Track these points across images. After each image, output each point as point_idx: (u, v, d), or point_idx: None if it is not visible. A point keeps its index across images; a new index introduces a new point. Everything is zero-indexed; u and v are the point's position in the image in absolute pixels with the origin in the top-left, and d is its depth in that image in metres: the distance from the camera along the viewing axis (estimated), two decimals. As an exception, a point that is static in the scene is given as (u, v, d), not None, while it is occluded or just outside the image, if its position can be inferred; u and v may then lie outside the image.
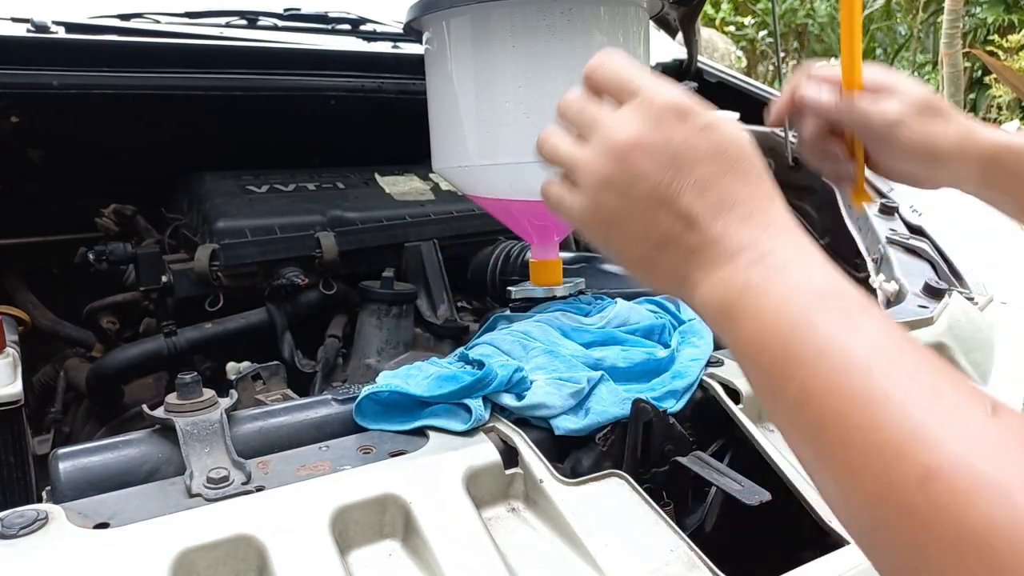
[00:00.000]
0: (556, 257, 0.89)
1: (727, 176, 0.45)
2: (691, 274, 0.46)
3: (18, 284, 1.15)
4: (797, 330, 0.39)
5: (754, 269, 0.43)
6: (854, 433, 0.34)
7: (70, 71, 1.00)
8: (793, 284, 0.41)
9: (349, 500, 0.54)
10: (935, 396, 0.33)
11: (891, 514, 0.32)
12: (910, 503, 0.31)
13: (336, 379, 1.03)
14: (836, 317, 0.38)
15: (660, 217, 0.46)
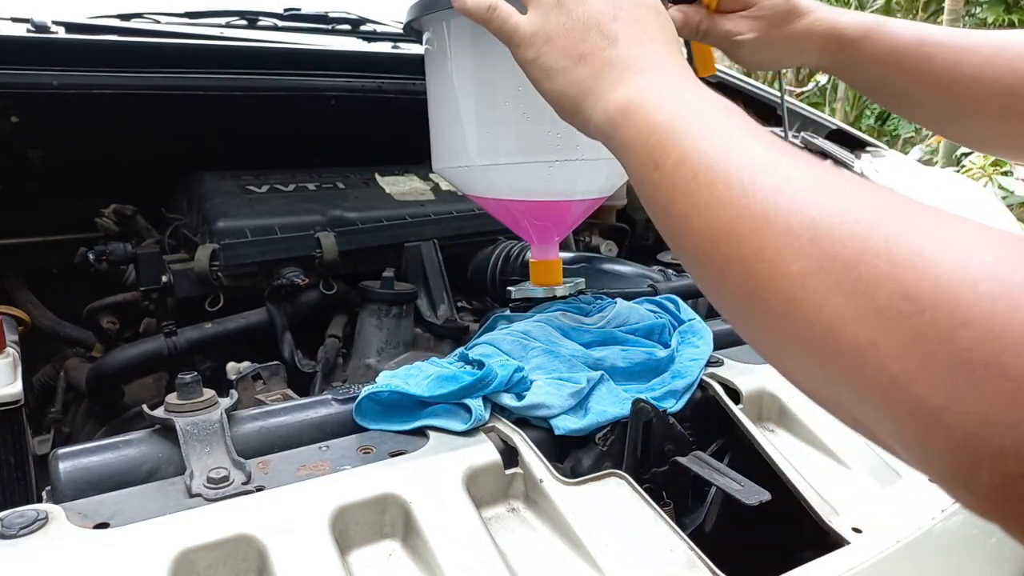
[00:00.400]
0: (556, 257, 0.89)
1: (651, 19, 0.56)
2: (600, 81, 0.54)
3: (18, 284, 1.15)
4: (683, 112, 0.47)
5: (657, 78, 0.52)
6: (719, 175, 0.41)
7: (70, 71, 1.00)
8: (686, 87, 0.50)
9: (349, 500, 0.54)
10: (789, 149, 0.41)
11: (743, 225, 0.38)
12: (760, 211, 0.37)
13: (336, 379, 1.03)
14: (715, 108, 0.47)
15: (591, 34, 0.55)
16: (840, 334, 0.32)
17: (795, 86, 7.19)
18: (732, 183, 0.40)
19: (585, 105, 0.56)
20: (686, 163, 0.43)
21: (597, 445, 0.66)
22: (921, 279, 0.29)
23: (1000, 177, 3.58)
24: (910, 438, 0.30)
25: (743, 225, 0.38)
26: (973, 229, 0.30)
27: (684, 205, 0.43)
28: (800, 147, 1.55)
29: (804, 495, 0.64)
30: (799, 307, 0.34)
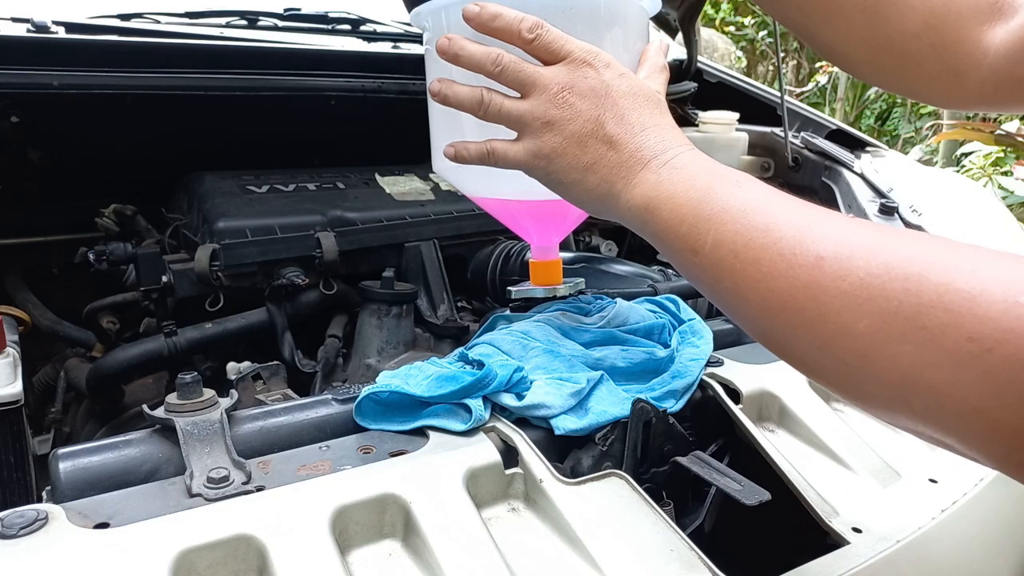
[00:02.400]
0: (556, 257, 0.89)
1: (640, 109, 0.59)
2: (614, 187, 0.58)
3: (18, 284, 1.15)
4: (705, 199, 0.50)
5: (665, 169, 0.55)
6: (760, 252, 0.44)
7: (70, 71, 1.00)
8: (695, 171, 0.53)
9: (349, 500, 0.54)
10: (810, 210, 0.46)
11: (797, 294, 0.41)
12: (810, 279, 0.41)
13: (336, 379, 1.03)
14: (729, 184, 0.51)
15: (590, 144, 0.58)
16: (918, 379, 0.35)
17: (795, 86, 7.19)
18: (774, 258, 0.43)
19: (608, 206, 0.59)
20: (723, 245, 0.47)
21: (597, 445, 0.66)
22: (980, 323, 0.33)
23: (1000, 177, 3.58)
24: (994, 454, 0.34)
25: (797, 295, 0.41)
26: (1013, 264, 0.34)
27: (732, 283, 0.46)
28: (800, 146, 1.55)
29: (804, 495, 0.64)
30: (874, 360, 0.38)
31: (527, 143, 0.62)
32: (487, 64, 0.63)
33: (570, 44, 0.61)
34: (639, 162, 0.56)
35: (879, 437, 0.79)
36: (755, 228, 0.45)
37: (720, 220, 0.48)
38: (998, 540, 0.77)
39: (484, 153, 0.67)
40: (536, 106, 0.60)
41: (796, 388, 0.79)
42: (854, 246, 0.40)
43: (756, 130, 1.64)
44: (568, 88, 0.59)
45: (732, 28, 7.65)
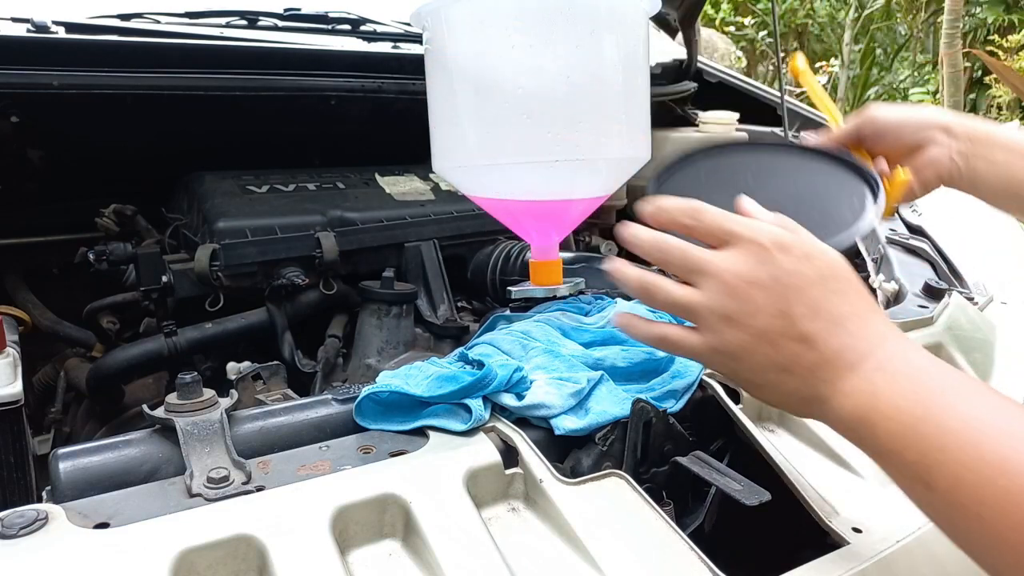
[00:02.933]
0: (556, 257, 0.89)
1: (833, 297, 0.51)
2: (818, 391, 0.50)
3: (18, 284, 1.15)
4: (929, 417, 0.43)
5: (877, 376, 0.47)
6: (1010, 500, 0.39)
7: (70, 71, 1.00)
8: (913, 378, 0.46)
9: (349, 500, 0.54)
10: None
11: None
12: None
13: (336, 379, 1.03)
14: (961, 403, 0.44)
15: (781, 343, 0.50)
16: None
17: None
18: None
19: (814, 411, 0.52)
20: (962, 487, 0.42)
21: (597, 445, 0.66)
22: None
23: (1000, 177, 3.58)
24: None
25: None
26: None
27: (978, 527, 0.42)
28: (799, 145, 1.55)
29: (804, 495, 0.64)
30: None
31: (707, 338, 0.54)
32: (653, 251, 0.56)
33: (734, 224, 0.53)
34: (845, 365, 0.49)
35: (879, 437, 0.79)
36: (1001, 464, 0.40)
37: (954, 452, 0.42)
38: (998, 540, 0.77)
39: (657, 338, 0.59)
40: (711, 298, 0.52)
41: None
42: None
43: (756, 130, 1.64)
44: (744, 279, 0.51)
45: (732, 28, 7.66)
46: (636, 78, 0.83)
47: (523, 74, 0.77)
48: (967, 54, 5.69)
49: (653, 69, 1.58)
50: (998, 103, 6.07)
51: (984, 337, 1.03)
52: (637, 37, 0.82)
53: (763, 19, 7.90)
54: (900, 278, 1.13)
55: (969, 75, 6.28)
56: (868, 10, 7.89)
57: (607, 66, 0.79)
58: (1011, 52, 5.78)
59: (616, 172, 0.87)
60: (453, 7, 0.78)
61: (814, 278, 0.51)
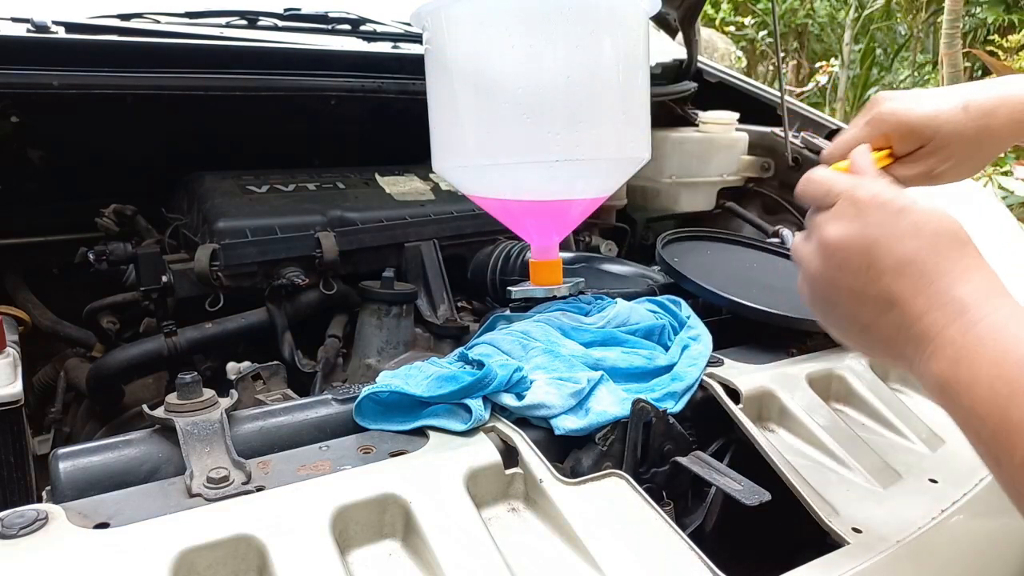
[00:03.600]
0: (556, 257, 0.89)
1: (925, 251, 0.48)
2: (904, 351, 0.49)
3: (18, 284, 1.15)
4: (1016, 398, 0.41)
5: (962, 341, 0.45)
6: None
7: (70, 71, 1.00)
8: (1003, 351, 0.43)
9: (349, 500, 0.54)
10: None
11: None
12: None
13: (336, 379, 1.03)
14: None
15: (861, 305, 0.50)
16: None
17: (795, 86, 7.19)
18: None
19: (902, 367, 0.51)
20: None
21: (597, 445, 0.66)
22: None
23: (1000, 177, 3.58)
24: None
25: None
26: None
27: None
28: (800, 146, 1.55)
29: (804, 495, 0.64)
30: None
31: (807, 287, 0.56)
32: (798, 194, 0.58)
33: (835, 183, 0.53)
34: (928, 328, 0.46)
35: (879, 437, 0.79)
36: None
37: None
38: (998, 540, 0.77)
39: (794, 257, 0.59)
40: (809, 254, 0.54)
41: (796, 388, 0.79)
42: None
43: (756, 130, 1.63)
44: (835, 235, 0.51)
45: (732, 28, 7.66)
46: (636, 78, 0.83)
47: (523, 74, 0.77)
48: (967, 54, 5.69)
49: (653, 69, 1.58)
50: (998, 103, 6.06)
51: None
52: (637, 37, 0.82)
53: (763, 19, 7.90)
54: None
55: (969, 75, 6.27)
56: (868, 10, 7.88)
57: (607, 66, 0.79)
58: (1011, 52, 5.77)
59: (616, 172, 0.87)
60: (453, 7, 0.78)
61: (906, 232, 0.48)
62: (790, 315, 0.87)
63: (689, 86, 1.63)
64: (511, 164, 0.80)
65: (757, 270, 1.08)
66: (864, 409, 0.82)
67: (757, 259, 1.13)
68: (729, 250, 1.15)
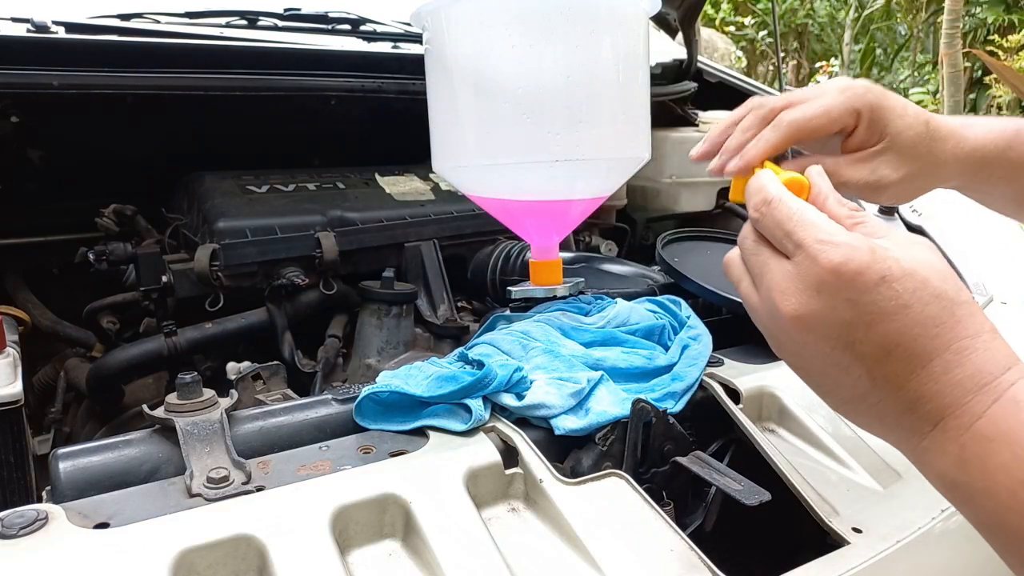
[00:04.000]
0: (556, 257, 0.89)
1: (918, 327, 0.39)
2: (894, 436, 0.43)
3: (18, 284, 1.15)
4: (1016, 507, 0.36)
5: (966, 439, 0.38)
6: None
7: (70, 71, 1.00)
8: (1019, 457, 0.37)
9: (349, 500, 0.54)
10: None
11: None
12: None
13: (336, 379, 1.03)
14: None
15: (838, 380, 0.42)
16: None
17: (795, 86, 7.20)
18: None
19: (892, 444, 0.45)
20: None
21: (597, 445, 0.66)
22: None
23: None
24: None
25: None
26: None
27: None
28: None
29: (804, 495, 0.64)
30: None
31: (769, 338, 0.47)
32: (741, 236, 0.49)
33: (802, 232, 0.42)
34: (926, 419, 0.40)
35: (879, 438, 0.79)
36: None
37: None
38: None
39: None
40: (762, 309, 0.45)
41: (796, 388, 0.79)
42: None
43: (756, 130, 1.63)
44: (792, 307, 0.42)
45: (732, 28, 7.66)
46: (636, 78, 0.83)
47: (523, 74, 0.77)
48: (967, 54, 5.69)
49: (653, 69, 1.58)
50: (998, 103, 6.07)
51: (984, 337, 1.03)
52: (637, 37, 0.82)
53: (763, 19, 7.89)
54: (900, 278, 1.13)
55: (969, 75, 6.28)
56: (868, 10, 7.88)
57: (607, 66, 0.79)
58: (1011, 52, 5.78)
59: (616, 172, 0.87)
60: (453, 7, 0.78)
61: (888, 310, 0.39)
62: None
63: (689, 86, 1.63)
64: (511, 164, 0.80)
65: None
66: (864, 409, 0.82)
67: None
68: (729, 250, 1.14)
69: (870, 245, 0.41)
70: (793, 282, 0.42)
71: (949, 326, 0.40)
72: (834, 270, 0.40)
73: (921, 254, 0.41)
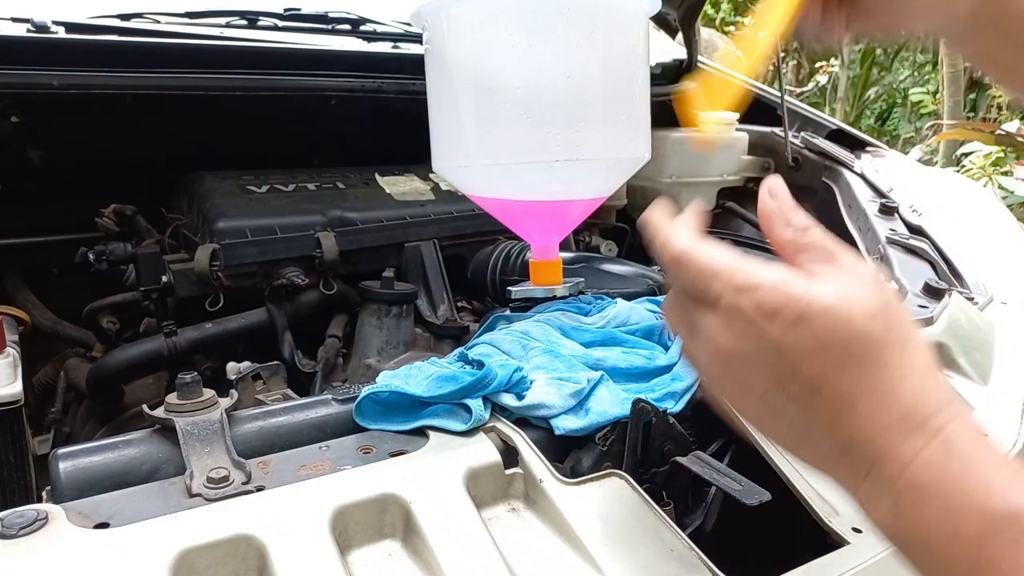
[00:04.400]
0: (556, 257, 0.89)
1: (840, 368, 0.38)
2: (834, 478, 0.42)
3: (18, 284, 1.15)
4: (984, 564, 0.34)
5: (898, 488, 0.37)
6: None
7: (70, 71, 1.00)
8: (954, 509, 0.35)
9: (349, 500, 0.54)
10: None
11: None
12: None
13: (336, 379, 1.03)
14: (1017, 550, 0.33)
15: (776, 423, 0.42)
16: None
17: (795, 86, 7.19)
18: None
19: (841, 487, 0.43)
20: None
21: (597, 445, 0.66)
22: None
23: (1000, 177, 3.58)
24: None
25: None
26: None
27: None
28: (800, 146, 1.55)
29: (804, 495, 0.64)
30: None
31: (716, 387, 0.46)
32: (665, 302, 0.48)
33: (717, 284, 0.42)
34: (857, 466, 0.39)
35: (879, 437, 0.79)
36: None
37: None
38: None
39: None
40: (700, 355, 0.44)
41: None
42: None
43: (756, 130, 1.64)
44: (724, 351, 0.41)
45: (732, 28, 7.66)
46: (636, 78, 0.83)
47: (523, 74, 0.77)
48: (967, 54, 5.69)
49: (653, 69, 1.58)
50: (998, 103, 6.07)
51: (984, 337, 1.03)
52: (637, 37, 0.82)
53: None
54: (900, 278, 1.13)
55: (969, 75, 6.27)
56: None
57: (607, 66, 0.79)
58: (1011, 52, 5.77)
59: (616, 172, 0.87)
60: (453, 7, 0.78)
61: (811, 348, 0.38)
62: None
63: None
64: (511, 164, 0.80)
65: None
66: (864, 409, 0.82)
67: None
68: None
69: (788, 283, 0.40)
70: (722, 331, 0.41)
71: (874, 368, 0.38)
72: (752, 314, 0.40)
73: (852, 289, 0.39)
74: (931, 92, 6.64)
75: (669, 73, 1.64)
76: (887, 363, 0.38)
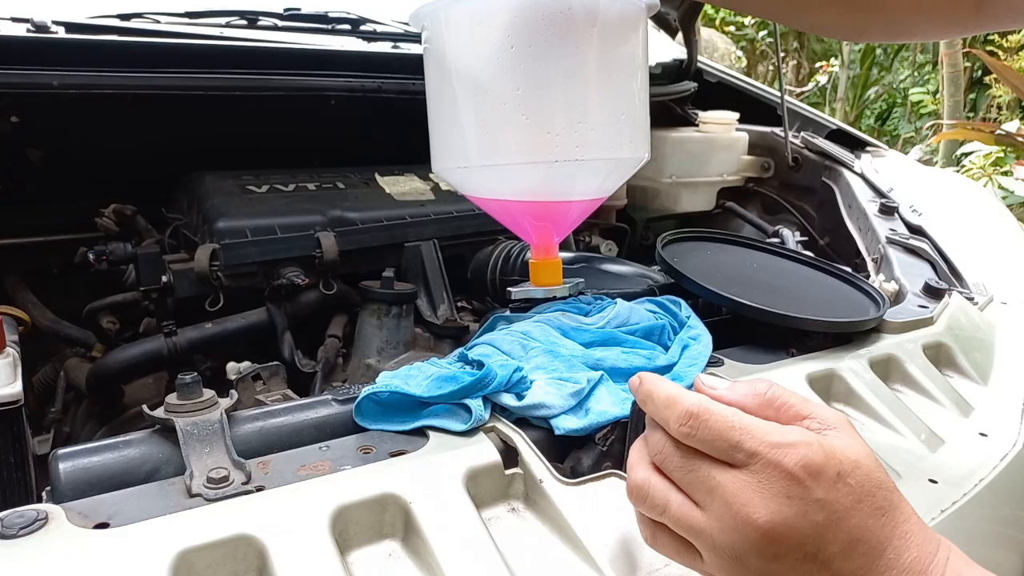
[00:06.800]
0: (556, 257, 0.89)
1: (875, 517, 0.40)
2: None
3: (18, 284, 1.15)
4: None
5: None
6: None
7: (70, 71, 1.00)
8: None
9: (349, 500, 0.54)
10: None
11: None
12: None
13: (336, 379, 1.03)
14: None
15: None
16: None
17: (795, 86, 7.19)
18: None
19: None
20: None
21: (597, 445, 0.66)
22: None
23: (1000, 177, 3.58)
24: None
25: None
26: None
27: None
28: (800, 146, 1.55)
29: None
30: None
31: (715, 563, 0.43)
32: (650, 507, 0.47)
33: (751, 440, 0.41)
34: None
35: (879, 438, 0.79)
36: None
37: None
38: (998, 540, 0.77)
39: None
40: (719, 529, 0.42)
41: (796, 388, 0.79)
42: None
43: (756, 130, 1.64)
44: (764, 516, 0.40)
45: (732, 28, 7.65)
46: (635, 78, 0.83)
47: (522, 74, 0.77)
48: (967, 54, 5.68)
49: (653, 69, 1.58)
50: (998, 103, 6.07)
51: (984, 337, 1.03)
52: (636, 37, 0.82)
53: (763, 19, 7.89)
54: (900, 278, 1.14)
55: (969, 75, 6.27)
56: (868, 10, 7.85)
57: (606, 66, 0.79)
58: (1011, 52, 5.77)
59: (616, 172, 0.87)
60: (452, 8, 0.78)
61: (850, 504, 0.40)
62: (790, 315, 0.87)
63: (689, 86, 1.63)
64: (510, 164, 0.80)
65: (757, 270, 1.08)
66: (864, 409, 0.82)
67: (757, 259, 1.13)
68: (729, 250, 1.15)
69: (819, 440, 0.41)
70: (756, 492, 0.40)
71: (893, 513, 0.41)
72: (799, 473, 0.40)
73: (855, 442, 0.42)
74: (931, 92, 6.64)
75: (669, 73, 1.64)
76: (897, 507, 0.42)
